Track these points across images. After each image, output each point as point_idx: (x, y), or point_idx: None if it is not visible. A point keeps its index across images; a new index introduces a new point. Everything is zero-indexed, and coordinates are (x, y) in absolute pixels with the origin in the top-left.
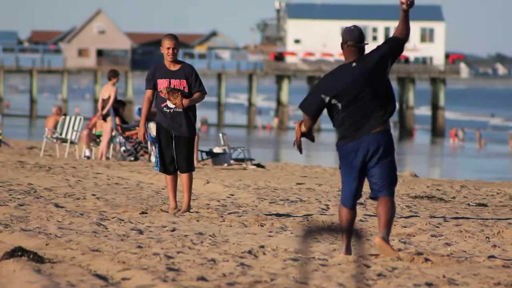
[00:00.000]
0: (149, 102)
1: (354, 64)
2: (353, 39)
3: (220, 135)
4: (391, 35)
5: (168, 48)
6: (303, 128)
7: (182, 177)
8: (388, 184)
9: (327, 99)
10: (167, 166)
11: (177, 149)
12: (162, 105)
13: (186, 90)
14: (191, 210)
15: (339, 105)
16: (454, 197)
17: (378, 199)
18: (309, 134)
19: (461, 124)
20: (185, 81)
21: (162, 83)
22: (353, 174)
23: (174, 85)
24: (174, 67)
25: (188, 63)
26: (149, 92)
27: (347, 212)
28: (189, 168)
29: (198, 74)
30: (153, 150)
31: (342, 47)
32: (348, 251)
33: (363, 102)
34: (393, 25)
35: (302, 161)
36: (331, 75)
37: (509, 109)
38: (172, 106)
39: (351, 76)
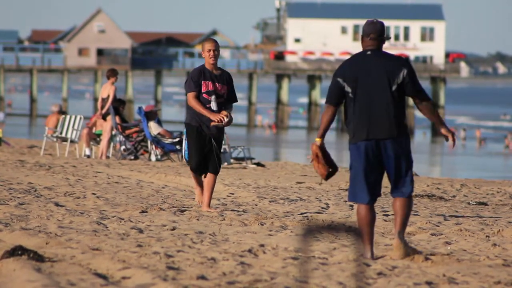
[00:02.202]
0: (199, 101)
1: (369, 52)
2: (376, 32)
3: None
4: (390, 34)
5: (209, 51)
6: (316, 145)
7: (210, 177)
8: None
9: (342, 82)
10: (198, 166)
11: (215, 142)
12: (207, 106)
13: (226, 95)
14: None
15: (350, 92)
16: (454, 196)
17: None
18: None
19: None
20: (226, 86)
21: (207, 85)
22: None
23: (218, 88)
24: (216, 72)
25: (226, 71)
26: (194, 94)
27: (365, 209)
28: (218, 169)
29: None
30: (153, 149)
31: (363, 40)
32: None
33: (373, 93)
34: (393, 24)
35: (302, 160)
36: (347, 61)
37: None
38: (216, 108)
39: (364, 61)
